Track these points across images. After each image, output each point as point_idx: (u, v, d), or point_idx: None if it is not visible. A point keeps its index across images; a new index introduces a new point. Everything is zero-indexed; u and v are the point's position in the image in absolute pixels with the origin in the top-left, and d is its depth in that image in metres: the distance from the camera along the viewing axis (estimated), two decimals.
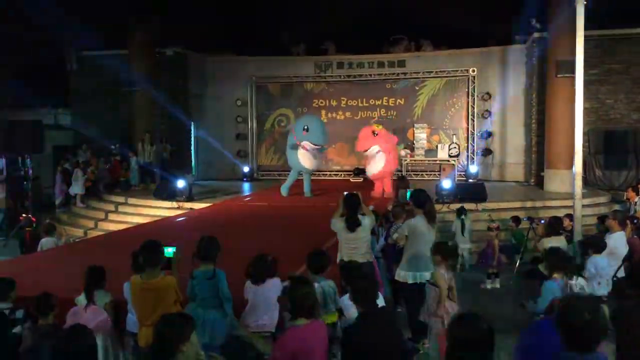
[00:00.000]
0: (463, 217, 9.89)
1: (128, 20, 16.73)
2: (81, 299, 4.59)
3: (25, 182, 14.07)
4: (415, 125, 18.20)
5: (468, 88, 17.91)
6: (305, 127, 13.22)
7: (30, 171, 14.04)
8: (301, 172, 13.75)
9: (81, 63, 18.46)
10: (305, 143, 13.12)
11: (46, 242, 8.50)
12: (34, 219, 10.84)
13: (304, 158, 13.31)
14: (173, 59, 18.04)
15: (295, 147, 13.40)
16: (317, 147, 13.21)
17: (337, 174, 18.79)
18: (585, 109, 9.10)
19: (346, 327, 3.92)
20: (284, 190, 13.81)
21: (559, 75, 14.40)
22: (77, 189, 14.60)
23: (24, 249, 9.91)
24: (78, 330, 2.86)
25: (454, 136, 17.90)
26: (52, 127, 18.40)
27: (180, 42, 18.26)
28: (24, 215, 11.39)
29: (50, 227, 8.85)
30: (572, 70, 8.96)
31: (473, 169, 16.93)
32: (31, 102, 17.60)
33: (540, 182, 15.57)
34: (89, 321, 3.98)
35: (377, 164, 13.41)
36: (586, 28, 8.60)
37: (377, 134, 13.40)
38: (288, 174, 14.25)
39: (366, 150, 13.50)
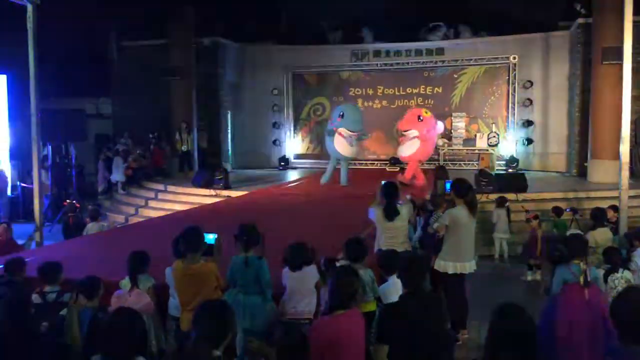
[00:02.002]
0: (508, 204, 9.74)
1: (166, 9, 16.92)
2: (125, 282, 4.69)
3: (69, 170, 14.49)
4: (453, 114, 17.91)
5: (509, 76, 17.50)
6: (341, 114, 13.21)
7: (74, 159, 14.44)
8: (339, 160, 13.71)
9: (122, 53, 18.80)
10: (342, 129, 13.10)
11: (92, 227, 8.76)
12: (77, 205, 11.17)
13: (340, 145, 13.28)
14: (210, 48, 18.18)
15: (331, 133, 13.41)
16: (353, 133, 13.15)
17: (373, 163, 18.68)
18: (632, 97, 8.76)
19: (386, 304, 3.87)
20: (324, 179, 13.83)
21: (604, 63, 13.94)
22: (118, 176, 14.94)
23: (67, 233, 10.22)
24: (127, 312, 2.92)
25: (494, 125, 17.56)
26: (94, 116, 18.86)
27: (218, 31, 18.39)
28: (67, 201, 11.74)
29: (95, 213, 9.11)
30: (619, 57, 8.66)
31: (513, 158, 16.62)
32: (74, 91, 18.08)
33: (583, 173, 15.15)
34: (133, 304, 4.06)
35: (409, 148, 13.41)
36: (634, 13, 8.28)
37: (422, 120, 13.35)
38: (323, 163, 14.25)
39: (405, 131, 13.46)
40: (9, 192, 13.78)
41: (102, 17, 17.59)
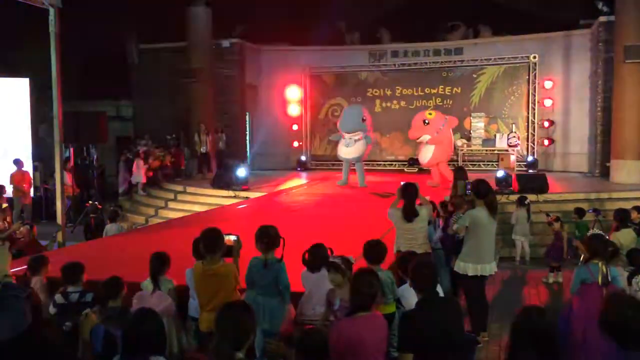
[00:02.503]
0: (528, 201, 9.63)
1: (185, 12, 17.07)
2: (147, 283, 4.72)
3: (90, 171, 14.67)
4: (472, 114, 17.79)
5: (529, 75, 17.31)
6: (341, 117, 13.66)
7: (95, 160, 14.60)
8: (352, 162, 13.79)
9: (142, 55, 19.00)
10: (342, 132, 13.49)
11: (110, 228, 8.83)
12: (99, 206, 11.31)
13: (340, 146, 13.59)
14: (229, 50, 18.28)
15: (338, 136, 13.88)
16: (351, 134, 13.25)
17: (392, 164, 18.62)
18: None
19: (405, 312, 3.86)
20: (340, 181, 13.91)
21: (627, 61, 13.75)
22: (138, 177, 15.09)
23: (88, 234, 10.35)
24: (147, 313, 2.95)
25: (513, 125, 17.38)
26: (114, 118, 19.07)
27: (236, 33, 18.50)
28: (90, 202, 11.88)
29: (114, 214, 9.19)
30: None
31: (533, 158, 16.47)
32: (95, 94, 18.30)
33: (605, 173, 14.93)
34: (154, 305, 4.08)
35: (426, 154, 13.42)
36: None
37: (427, 123, 13.29)
38: (341, 164, 14.44)
39: (417, 139, 13.67)
40: (32, 194, 13.98)
41: (122, 21, 17.80)
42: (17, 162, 13.23)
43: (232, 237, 4.42)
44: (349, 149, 13.41)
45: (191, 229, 6.60)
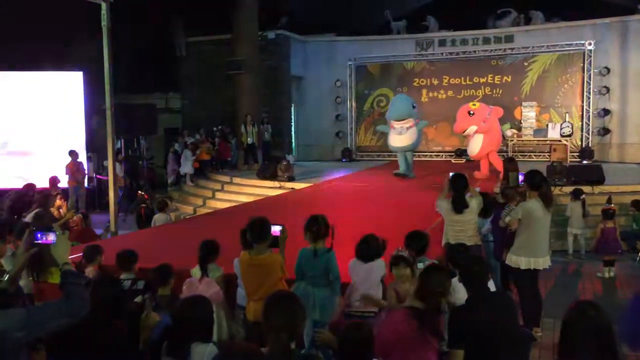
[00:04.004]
0: (584, 196, 9.32)
1: (231, 3, 17.19)
2: (196, 271, 4.78)
3: (140, 162, 15.03)
4: (523, 103, 17.26)
5: (583, 63, 16.65)
6: (390, 107, 13.51)
7: (145, 152, 14.95)
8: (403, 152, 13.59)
9: (189, 48, 19.28)
10: (391, 122, 13.32)
11: (158, 218, 9.03)
12: (146, 196, 11.58)
13: (392, 136, 13.36)
14: (274, 41, 18.32)
15: (386, 127, 13.85)
16: (400, 123, 13.03)
17: (439, 155, 18.31)
18: None
19: (454, 308, 3.77)
20: (397, 171, 13.75)
21: None
22: (186, 168, 15.35)
23: (140, 224, 10.63)
24: (196, 300, 2.97)
25: (567, 115, 16.77)
26: (163, 111, 19.47)
27: (282, 24, 18.52)
28: (140, 192, 12.19)
29: (162, 204, 9.38)
30: None
31: (588, 149, 15.89)
32: (144, 86, 18.73)
33: None
34: (203, 292, 4.13)
35: (475, 144, 13.02)
36: None
37: (472, 114, 12.93)
38: (386, 155, 14.37)
39: (464, 131, 13.23)
40: (86, 184, 14.43)
41: (170, 14, 18.10)
42: (72, 153, 13.67)
43: (278, 227, 4.40)
44: (401, 137, 13.07)
45: (238, 218, 6.64)
